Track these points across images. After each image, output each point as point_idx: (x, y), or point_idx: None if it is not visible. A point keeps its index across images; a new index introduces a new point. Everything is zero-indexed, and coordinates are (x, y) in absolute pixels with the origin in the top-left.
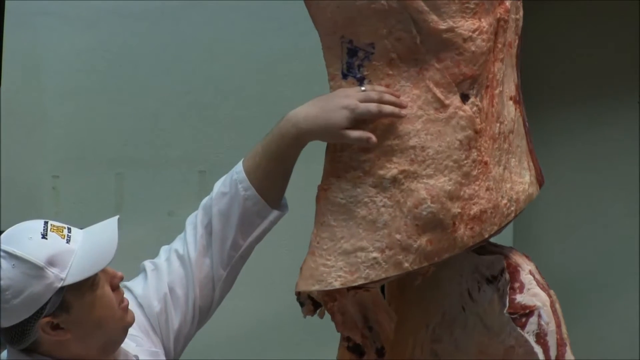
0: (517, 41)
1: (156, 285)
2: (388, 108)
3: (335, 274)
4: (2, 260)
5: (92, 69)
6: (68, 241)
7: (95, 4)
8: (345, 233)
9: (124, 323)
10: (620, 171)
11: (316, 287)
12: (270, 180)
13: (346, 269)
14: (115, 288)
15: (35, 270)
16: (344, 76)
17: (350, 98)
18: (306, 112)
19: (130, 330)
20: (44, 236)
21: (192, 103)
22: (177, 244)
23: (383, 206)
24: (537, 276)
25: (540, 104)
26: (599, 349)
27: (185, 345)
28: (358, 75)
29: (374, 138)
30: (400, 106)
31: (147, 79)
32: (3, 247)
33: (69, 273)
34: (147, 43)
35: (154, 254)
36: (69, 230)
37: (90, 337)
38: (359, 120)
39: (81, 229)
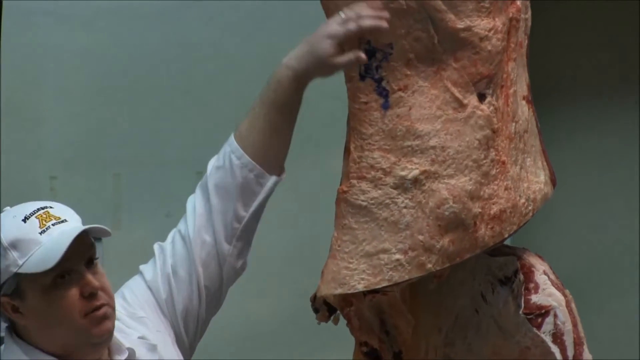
0: (526, 41)
1: (162, 267)
2: (366, 21)
3: (358, 277)
4: None
5: (90, 69)
6: (43, 232)
7: (93, 4)
8: (367, 235)
9: (88, 335)
10: (621, 172)
11: (339, 291)
12: (266, 140)
13: (369, 272)
14: (88, 296)
15: (1, 248)
16: (362, 77)
17: (330, 25)
18: (297, 52)
19: (140, 312)
20: (25, 219)
21: (190, 104)
22: (181, 225)
23: (405, 207)
24: (552, 276)
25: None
26: (598, 349)
27: (200, 329)
28: (376, 77)
29: (362, 55)
30: (381, 17)
31: (145, 79)
32: None
33: (27, 262)
34: (145, 43)
35: (151, 254)
36: (59, 222)
37: (47, 333)
38: (345, 44)
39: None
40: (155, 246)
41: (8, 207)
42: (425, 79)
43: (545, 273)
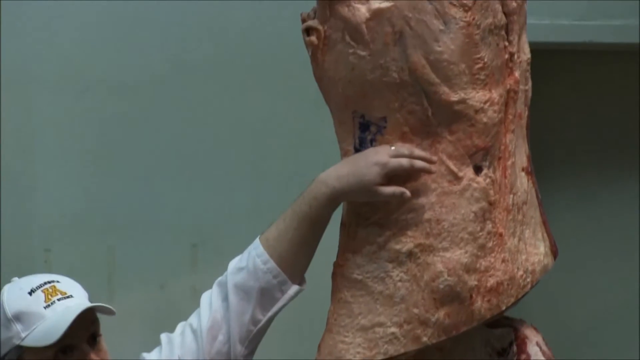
0: (526, 112)
1: (167, 357)
2: (419, 162)
3: (353, 351)
4: None
5: (82, 141)
6: (47, 306)
7: (85, 71)
8: (362, 309)
9: None
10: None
11: None
12: (294, 250)
13: (365, 345)
14: None
15: (5, 319)
16: (357, 151)
17: (381, 154)
18: (338, 172)
19: None
20: (31, 292)
21: (184, 175)
22: (193, 319)
23: (400, 280)
24: (544, 347)
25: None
26: None
27: None
28: None
29: (407, 192)
30: (430, 162)
31: (139, 148)
32: (5, 286)
33: (30, 335)
34: (138, 111)
35: (145, 326)
36: (65, 298)
37: None
38: (391, 177)
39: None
40: (163, 335)
41: (16, 278)
42: None
43: (537, 344)
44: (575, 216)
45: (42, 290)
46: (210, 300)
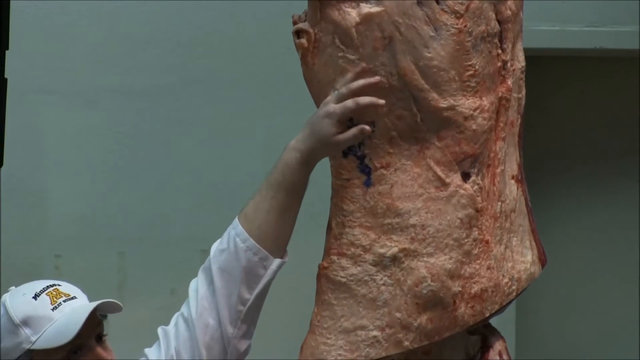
0: (519, 120)
1: (166, 351)
2: (364, 99)
3: (335, 352)
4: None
5: (93, 147)
6: (54, 308)
7: (95, 82)
8: (345, 311)
9: None
10: (621, 250)
11: None
12: (272, 221)
13: (346, 348)
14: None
15: (12, 325)
16: (344, 155)
17: (327, 105)
18: (301, 135)
19: None
20: (36, 297)
21: (193, 181)
22: (184, 309)
23: (383, 284)
24: (505, 356)
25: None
26: None
27: None
28: (359, 154)
29: (367, 127)
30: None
31: (148, 156)
32: (5, 295)
33: (40, 338)
34: (147, 121)
35: (156, 332)
36: (70, 299)
37: None
38: (345, 121)
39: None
40: (159, 330)
41: (13, 287)
42: (408, 157)
43: (499, 354)
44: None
45: (46, 294)
46: (196, 288)
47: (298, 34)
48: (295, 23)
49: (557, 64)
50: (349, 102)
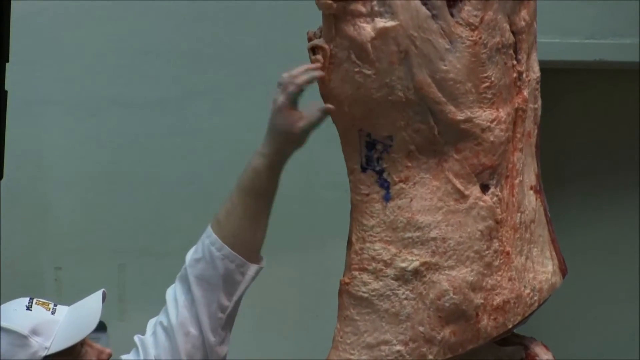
0: (536, 130)
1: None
2: (301, 78)
3: None
4: None
5: (95, 159)
6: (53, 313)
7: (96, 93)
8: (368, 327)
9: None
10: (622, 260)
11: None
12: (245, 226)
13: None
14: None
15: (20, 339)
16: (363, 169)
17: (275, 99)
18: (264, 139)
19: None
20: (29, 308)
21: (194, 193)
22: (162, 317)
23: (405, 299)
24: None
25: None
26: None
27: None
28: (377, 168)
29: (330, 106)
30: (316, 68)
31: (149, 168)
32: None
33: (54, 342)
34: (149, 132)
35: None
36: (55, 305)
37: None
38: (294, 105)
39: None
40: (136, 338)
41: None
42: (426, 171)
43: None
44: (585, 234)
45: (35, 303)
46: (175, 296)
47: (314, 50)
48: (310, 39)
49: (558, 76)
50: (291, 87)
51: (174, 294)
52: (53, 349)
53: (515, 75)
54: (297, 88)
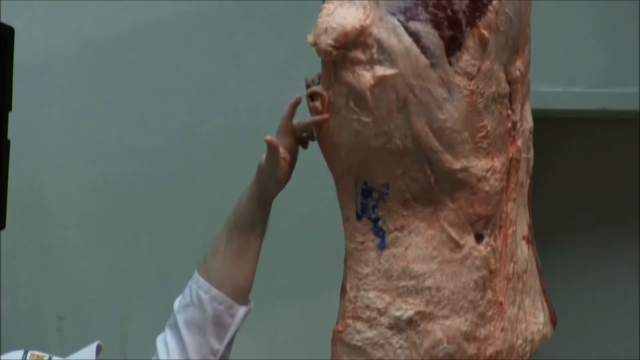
0: (528, 180)
1: None
2: (304, 121)
3: None
4: None
5: (96, 208)
6: None
7: (97, 139)
8: None
9: None
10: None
11: None
12: (231, 264)
13: None
14: None
15: None
16: (358, 217)
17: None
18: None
19: None
20: None
21: (196, 243)
22: None
23: (399, 348)
24: None
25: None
26: None
27: None
28: (373, 216)
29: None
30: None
31: (150, 217)
32: None
33: None
34: (149, 178)
35: None
36: (50, 357)
37: None
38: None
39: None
40: None
41: None
42: (422, 219)
43: None
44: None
45: (30, 356)
46: (165, 343)
47: (312, 97)
48: (308, 86)
49: (561, 125)
50: (284, 115)
51: (164, 340)
52: None
53: (509, 125)
54: (301, 126)
